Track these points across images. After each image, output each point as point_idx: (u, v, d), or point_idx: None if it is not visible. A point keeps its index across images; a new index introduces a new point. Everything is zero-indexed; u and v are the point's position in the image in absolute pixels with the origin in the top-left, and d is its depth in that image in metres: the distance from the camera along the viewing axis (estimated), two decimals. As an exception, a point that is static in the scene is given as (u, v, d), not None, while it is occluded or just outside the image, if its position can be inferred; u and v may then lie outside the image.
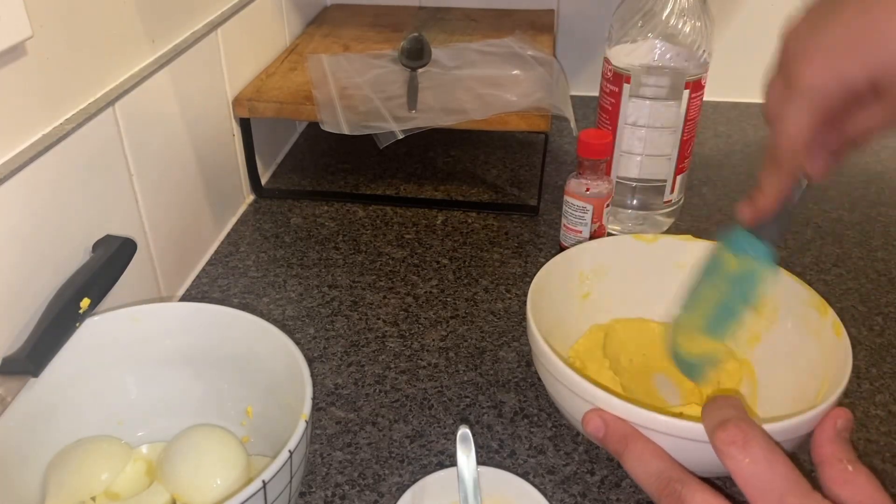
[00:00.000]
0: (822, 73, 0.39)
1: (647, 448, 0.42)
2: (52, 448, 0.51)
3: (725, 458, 0.38)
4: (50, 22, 0.52)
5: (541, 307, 0.55)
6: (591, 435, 0.45)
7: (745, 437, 0.38)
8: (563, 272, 0.60)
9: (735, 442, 0.38)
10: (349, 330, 0.68)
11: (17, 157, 0.50)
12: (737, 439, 0.38)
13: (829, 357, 0.51)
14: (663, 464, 0.41)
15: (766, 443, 0.38)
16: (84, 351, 0.51)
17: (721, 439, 0.39)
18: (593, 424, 0.44)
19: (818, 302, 0.54)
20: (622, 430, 0.43)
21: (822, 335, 0.53)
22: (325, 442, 0.57)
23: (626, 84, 0.77)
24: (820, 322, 0.53)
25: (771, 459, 0.38)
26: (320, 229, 0.83)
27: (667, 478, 0.40)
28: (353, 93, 0.83)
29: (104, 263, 0.54)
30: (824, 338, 0.52)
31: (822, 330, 0.53)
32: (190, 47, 0.72)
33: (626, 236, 0.63)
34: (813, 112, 0.40)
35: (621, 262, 0.62)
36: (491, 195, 0.90)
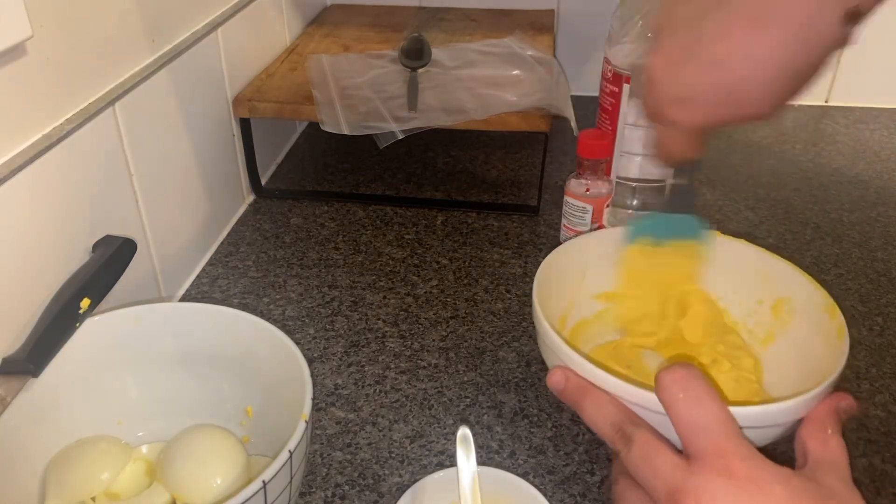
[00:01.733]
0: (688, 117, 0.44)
1: (601, 398, 0.44)
2: (52, 448, 0.51)
3: (661, 393, 0.40)
4: (50, 22, 0.52)
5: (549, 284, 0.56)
6: (553, 388, 0.47)
7: (685, 376, 0.40)
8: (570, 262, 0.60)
9: (675, 380, 0.40)
10: (349, 330, 0.68)
11: (18, 156, 0.50)
12: (677, 377, 0.40)
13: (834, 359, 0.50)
14: (617, 411, 0.43)
15: (705, 385, 0.40)
16: (84, 351, 0.51)
17: (661, 377, 0.40)
18: (554, 378, 0.47)
19: (830, 306, 0.54)
20: (581, 384, 0.46)
21: (830, 338, 0.52)
22: (325, 442, 0.57)
23: (626, 84, 0.77)
24: (829, 325, 0.53)
25: (704, 398, 0.39)
26: (320, 229, 0.83)
27: (619, 423, 0.42)
28: (353, 93, 0.83)
29: (104, 263, 0.54)
30: (831, 340, 0.52)
31: (830, 334, 0.52)
32: (190, 47, 0.72)
33: None
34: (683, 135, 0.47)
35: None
36: (491, 195, 0.90)
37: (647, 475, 0.39)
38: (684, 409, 0.39)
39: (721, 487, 0.36)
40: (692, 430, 0.39)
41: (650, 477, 0.39)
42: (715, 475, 0.37)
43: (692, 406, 0.39)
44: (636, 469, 0.40)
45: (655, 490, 0.39)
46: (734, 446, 0.38)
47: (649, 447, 0.40)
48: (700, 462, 0.38)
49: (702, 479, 0.37)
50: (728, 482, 0.36)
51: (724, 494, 0.36)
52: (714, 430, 0.38)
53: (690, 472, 0.37)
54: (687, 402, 0.39)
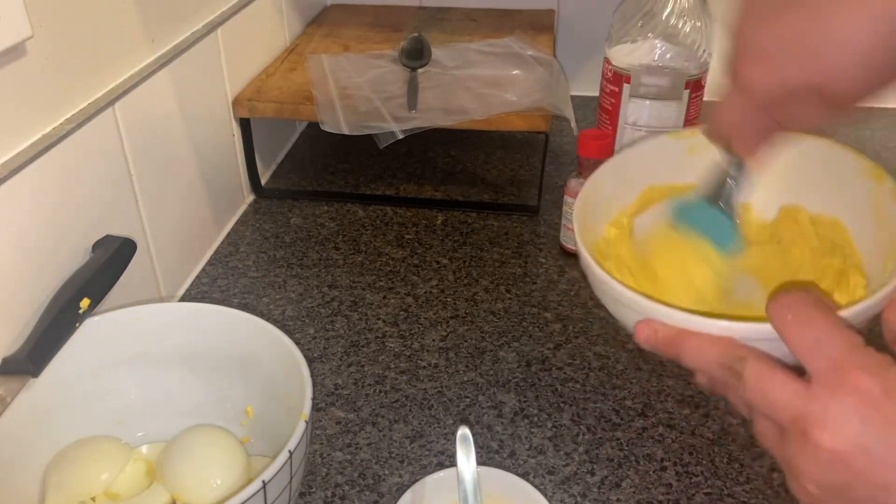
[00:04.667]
0: (763, 75, 0.39)
1: (699, 341, 0.40)
2: (52, 448, 0.51)
3: (773, 322, 0.37)
4: (50, 22, 0.52)
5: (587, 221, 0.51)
6: (643, 345, 0.43)
7: (793, 299, 0.37)
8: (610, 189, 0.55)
9: (782, 305, 0.37)
10: (349, 330, 0.68)
11: (17, 157, 0.50)
12: (784, 302, 0.37)
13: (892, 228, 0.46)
14: (720, 350, 0.39)
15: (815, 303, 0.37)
16: (84, 351, 0.51)
17: (769, 307, 0.37)
18: (643, 335, 0.43)
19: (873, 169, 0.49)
20: (672, 333, 0.41)
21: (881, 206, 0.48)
22: (325, 442, 0.57)
23: (626, 84, 0.77)
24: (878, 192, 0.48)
25: (815, 317, 0.36)
26: (320, 229, 0.83)
27: (725, 361, 0.39)
28: (353, 93, 0.83)
29: (104, 263, 0.54)
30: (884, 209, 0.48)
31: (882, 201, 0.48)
32: (190, 47, 0.72)
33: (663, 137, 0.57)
34: (747, 104, 0.41)
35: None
36: (491, 195, 0.90)
37: (767, 408, 0.36)
38: (795, 331, 0.36)
39: (847, 407, 0.33)
40: (808, 351, 0.35)
41: (771, 409, 0.36)
42: (839, 395, 0.33)
43: (804, 326, 0.36)
44: (755, 403, 0.37)
45: (779, 421, 0.36)
46: (856, 359, 0.34)
47: (762, 379, 0.36)
48: (820, 383, 0.34)
49: (824, 401, 0.34)
50: (854, 399, 0.33)
51: (853, 414, 0.33)
52: (830, 345, 0.35)
53: (811, 395, 0.34)
54: (797, 323, 0.36)
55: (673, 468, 0.55)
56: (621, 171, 0.55)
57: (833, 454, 0.33)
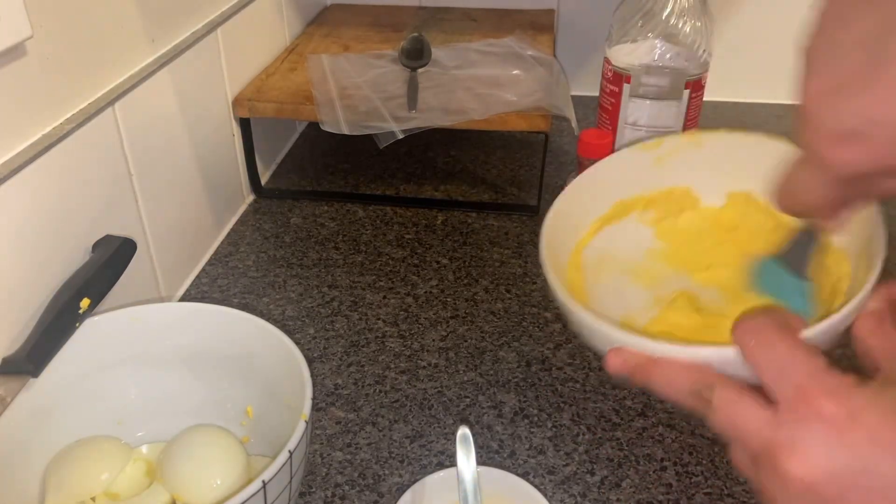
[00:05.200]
0: (855, 159, 0.35)
1: (667, 369, 0.40)
2: (52, 448, 0.51)
3: (738, 348, 0.37)
4: (50, 22, 0.52)
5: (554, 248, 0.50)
6: (615, 374, 0.42)
7: (757, 323, 0.37)
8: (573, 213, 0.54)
9: (745, 330, 0.37)
10: (349, 330, 0.68)
11: (17, 157, 0.50)
12: (746, 327, 0.37)
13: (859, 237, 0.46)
14: (688, 377, 0.39)
15: (778, 327, 0.36)
16: (84, 351, 0.51)
17: (733, 330, 0.37)
18: (613, 364, 0.42)
19: None
20: (640, 362, 0.41)
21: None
22: (325, 442, 0.57)
23: (626, 84, 0.77)
24: None
25: (776, 341, 0.36)
26: (320, 229, 0.83)
27: (694, 389, 0.38)
28: (353, 93, 0.83)
29: (104, 263, 0.54)
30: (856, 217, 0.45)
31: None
32: (190, 47, 0.72)
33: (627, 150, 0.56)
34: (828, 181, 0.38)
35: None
36: (491, 195, 0.90)
37: (737, 436, 0.36)
38: (758, 357, 0.36)
39: (814, 434, 0.33)
40: (771, 377, 0.35)
41: (741, 439, 0.36)
42: (804, 422, 0.33)
43: (765, 351, 0.36)
44: (725, 432, 0.37)
45: (749, 450, 0.36)
46: (818, 384, 0.34)
47: (730, 407, 0.36)
48: (787, 410, 0.34)
49: (791, 429, 0.34)
50: (820, 426, 0.33)
51: (820, 441, 0.33)
52: (792, 371, 0.35)
53: (778, 423, 0.34)
54: (759, 348, 0.36)
55: (673, 468, 0.55)
56: (588, 189, 0.55)
57: (802, 483, 0.33)
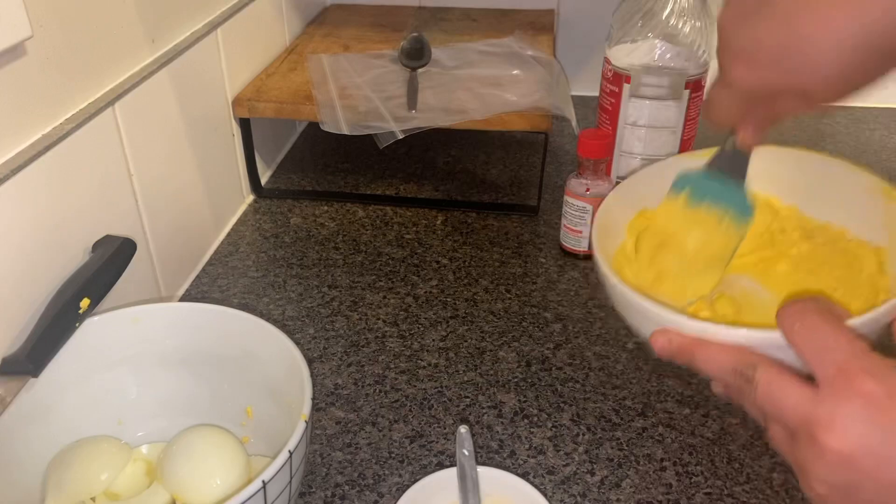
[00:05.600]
0: (747, 75, 0.41)
1: (711, 349, 0.42)
2: (52, 448, 0.51)
3: (782, 330, 0.38)
4: (50, 22, 0.52)
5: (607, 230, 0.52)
6: (661, 355, 0.44)
7: (801, 308, 0.38)
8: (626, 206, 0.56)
9: (789, 314, 0.38)
10: (349, 330, 0.68)
11: (17, 156, 0.50)
12: (790, 311, 0.38)
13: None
14: (731, 356, 0.41)
15: (821, 311, 0.38)
16: (84, 351, 0.51)
17: (778, 316, 0.39)
18: (659, 345, 0.44)
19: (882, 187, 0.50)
20: (684, 342, 0.43)
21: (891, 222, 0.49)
22: (325, 442, 0.57)
23: (626, 84, 0.77)
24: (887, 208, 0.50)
25: (820, 325, 0.37)
26: (320, 229, 0.83)
27: (737, 368, 0.40)
28: (353, 93, 0.83)
29: (104, 263, 0.54)
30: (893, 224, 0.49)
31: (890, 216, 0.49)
32: (190, 47, 0.72)
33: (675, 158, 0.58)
34: (735, 96, 0.43)
35: None
36: (491, 195, 0.90)
37: (777, 412, 0.38)
38: (802, 339, 0.37)
39: (854, 410, 0.34)
40: (815, 357, 0.37)
41: (780, 414, 0.37)
42: (844, 398, 0.35)
43: (809, 334, 0.37)
44: (766, 408, 0.38)
45: (789, 427, 0.37)
46: (861, 363, 0.35)
47: (772, 384, 0.38)
48: (827, 388, 0.35)
49: (831, 405, 0.35)
50: (859, 403, 0.34)
51: (858, 417, 0.34)
52: (836, 351, 0.36)
53: (819, 400, 0.35)
54: (803, 331, 0.38)
55: (673, 468, 0.55)
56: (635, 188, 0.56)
57: (840, 455, 0.34)
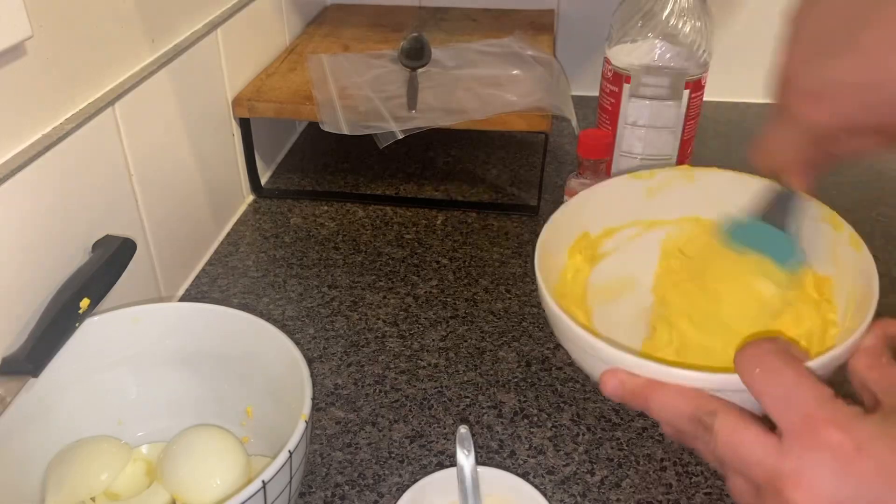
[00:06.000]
0: (821, 114, 0.39)
1: (667, 392, 0.39)
2: (52, 448, 0.51)
3: (740, 374, 0.37)
4: (50, 22, 0.52)
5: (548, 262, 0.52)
6: (611, 397, 0.42)
7: (759, 350, 0.36)
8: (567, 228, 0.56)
9: (749, 356, 0.36)
10: (349, 330, 0.68)
11: (17, 156, 0.50)
12: (750, 353, 0.37)
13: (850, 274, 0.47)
14: (688, 402, 0.38)
15: (782, 354, 0.36)
16: (84, 351, 0.51)
17: (736, 357, 0.37)
18: (609, 387, 0.42)
19: (830, 216, 0.49)
20: (639, 384, 0.40)
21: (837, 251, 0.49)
22: (324, 442, 0.57)
23: (626, 84, 0.77)
24: (834, 237, 0.49)
25: (782, 369, 0.35)
26: (320, 229, 0.83)
27: (694, 414, 0.38)
28: (353, 93, 0.83)
29: (104, 263, 0.54)
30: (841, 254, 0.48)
31: (838, 245, 0.48)
32: (190, 47, 0.72)
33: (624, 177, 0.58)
34: (800, 138, 0.41)
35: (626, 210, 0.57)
36: (491, 195, 0.90)
37: (740, 465, 0.36)
38: (763, 385, 0.35)
39: (821, 464, 0.32)
40: (777, 405, 0.35)
41: (744, 467, 0.35)
42: (811, 451, 0.33)
43: (771, 379, 0.35)
44: (728, 461, 0.36)
45: (753, 479, 0.35)
46: (826, 413, 0.33)
47: (734, 435, 0.36)
48: (793, 439, 0.34)
49: (797, 458, 0.33)
50: (827, 455, 0.32)
51: (826, 471, 0.32)
52: (799, 399, 0.34)
53: (784, 453, 0.34)
54: (764, 375, 0.36)
55: (673, 468, 0.55)
56: (579, 212, 0.56)
57: None
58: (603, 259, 0.57)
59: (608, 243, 0.57)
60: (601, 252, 0.58)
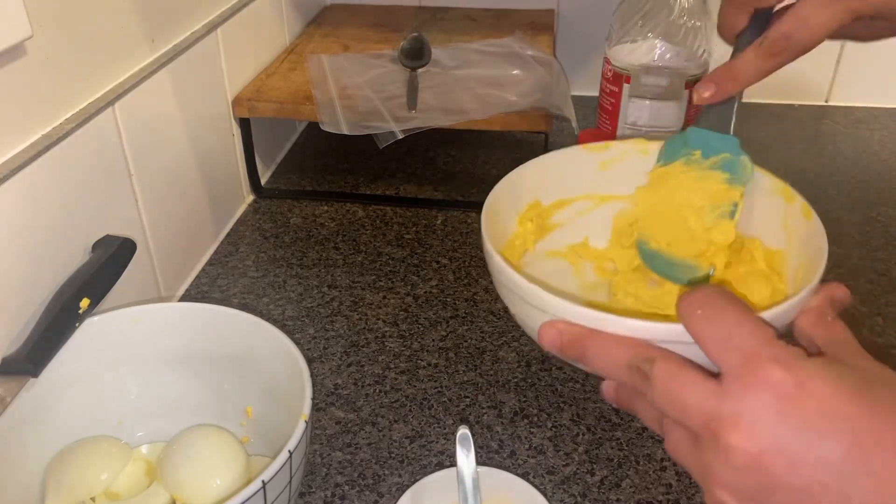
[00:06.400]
0: None
1: (604, 341, 0.37)
2: (52, 448, 0.51)
3: (681, 318, 0.35)
4: (50, 22, 0.52)
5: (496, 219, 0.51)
6: (549, 348, 0.40)
7: (704, 294, 0.35)
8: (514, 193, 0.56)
9: (692, 300, 0.35)
10: (349, 330, 0.68)
11: (17, 156, 0.50)
12: (694, 298, 0.35)
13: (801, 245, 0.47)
14: (626, 350, 0.36)
15: (727, 298, 0.35)
16: (84, 351, 0.51)
17: (679, 301, 0.35)
18: (548, 338, 0.39)
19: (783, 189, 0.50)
20: (578, 333, 0.38)
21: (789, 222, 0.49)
22: (324, 442, 0.57)
23: (626, 84, 0.77)
24: (786, 209, 0.49)
25: (726, 309, 0.34)
26: (320, 229, 0.83)
27: (632, 362, 0.36)
28: (353, 93, 0.83)
29: (104, 263, 0.54)
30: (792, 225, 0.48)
31: (789, 216, 0.49)
32: (190, 47, 0.72)
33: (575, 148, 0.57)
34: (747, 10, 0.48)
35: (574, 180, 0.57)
36: (491, 195, 0.90)
37: (678, 412, 0.33)
38: (705, 326, 0.34)
39: (762, 404, 0.31)
40: (718, 346, 0.33)
41: (681, 413, 0.33)
42: (751, 391, 0.31)
43: (713, 320, 0.34)
44: (664, 408, 0.34)
45: (691, 426, 0.33)
46: (767, 352, 0.32)
47: (671, 379, 0.34)
48: (733, 380, 0.32)
49: (736, 399, 0.31)
50: (768, 395, 0.31)
51: (767, 411, 0.30)
52: (742, 338, 0.33)
53: (723, 395, 0.32)
54: (707, 317, 0.34)
55: (673, 468, 0.55)
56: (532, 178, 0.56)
57: (747, 456, 0.31)
58: (553, 231, 0.56)
59: (559, 214, 0.57)
60: (551, 223, 0.57)
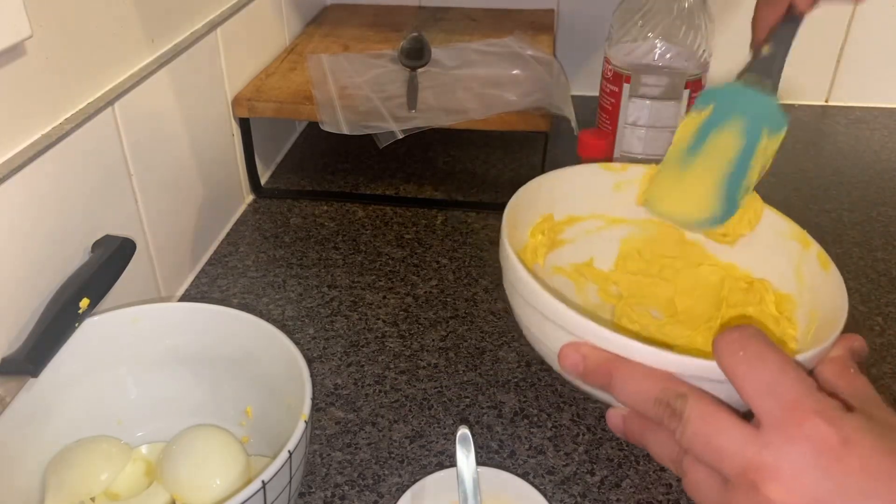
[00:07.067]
0: None
1: (635, 371, 0.36)
2: (52, 448, 0.51)
3: (719, 358, 0.34)
4: (50, 22, 0.52)
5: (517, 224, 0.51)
6: (570, 371, 0.39)
7: (742, 335, 0.34)
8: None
9: (732, 340, 0.34)
10: (349, 330, 0.68)
11: (17, 156, 0.50)
12: (733, 337, 0.34)
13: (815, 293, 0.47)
14: (657, 383, 0.36)
15: (766, 341, 0.34)
16: (84, 351, 0.51)
17: (717, 341, 0.35)
18: (570, 360, 0.38)
19: (799, 234, 0.49)
20: (605, 359, 0.37)
21: (803, 269, 0.49)
22: (324, 442, 0.57)
23: (626, 84, 0.77)
24: (801, 254, 0.49)
25: (767, 354, 0.33)
26: (320, 229, 0.83)
27: (663, 397, 0.35)
28: (353, 93, 0.83)
29: (104, 263, 0.54)
30: (806, 273, 0.48)
31: (804, 263, 0.49)
32: (189, 47, 0.72)
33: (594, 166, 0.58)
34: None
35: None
36: (491, 195, 0.90)
37: (711, 454, 0.33)
38: (745, 369, 0.33)
39: (804, 457, 0.30)
40: (759, 392, 0.32)
41: (715, 456, 0.33)
42: (793, 442, 0.31)
43: (754, 364, 0.33)
44: (697, 450, 0.34)
45: (724, 471, 0.32)
46: (812, 403, 0.31)
47: (708, 421, 0.33)
48: (774, 429, 0.31)
49: (778, 449, 0.31)
50: (810, 449, 0.30)
51: (809, 465, 0.30)
52: (784, 387, 0.32)
53: (763, 443, 0.31)
54: (748, 360, 0.33)
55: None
56: (547, 191, 0.56)
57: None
58: (561, 246, 0.57)
59: (569, 231, 0.57)
60: (560, 239, 0.57)
